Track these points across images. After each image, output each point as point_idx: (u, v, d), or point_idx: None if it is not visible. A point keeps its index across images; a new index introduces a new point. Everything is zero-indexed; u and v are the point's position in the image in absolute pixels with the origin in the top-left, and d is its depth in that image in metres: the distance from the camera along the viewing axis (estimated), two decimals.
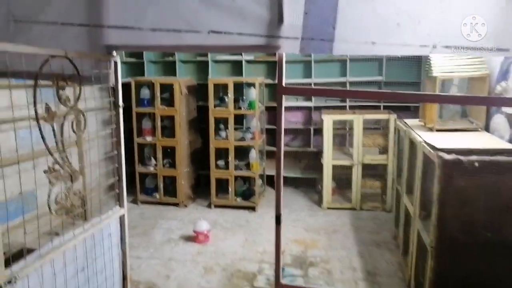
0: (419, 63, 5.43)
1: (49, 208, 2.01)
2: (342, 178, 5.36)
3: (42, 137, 1.94)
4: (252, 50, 2.34)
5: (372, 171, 5.31)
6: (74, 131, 2.19)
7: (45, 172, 1.98)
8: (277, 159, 2.48)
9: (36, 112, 1.87)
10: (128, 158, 6.07)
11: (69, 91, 2.10)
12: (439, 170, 2.40)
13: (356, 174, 5.08)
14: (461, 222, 2.45)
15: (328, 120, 5.00)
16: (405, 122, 3.78)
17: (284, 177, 6.00)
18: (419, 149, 2.94)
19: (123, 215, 2.69)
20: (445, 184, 2.41)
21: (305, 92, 2.52)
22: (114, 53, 2.52)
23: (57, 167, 2.06)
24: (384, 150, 5.18)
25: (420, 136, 3.04)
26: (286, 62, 5.51)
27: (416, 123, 3.62)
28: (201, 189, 5.94)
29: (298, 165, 6.18)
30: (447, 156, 2.40)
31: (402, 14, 2.17)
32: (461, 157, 2.38)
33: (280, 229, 2.58)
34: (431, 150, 2.57)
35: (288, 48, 2.30)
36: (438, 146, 2.56)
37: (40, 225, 2.02)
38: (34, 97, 1.86)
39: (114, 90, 2.48)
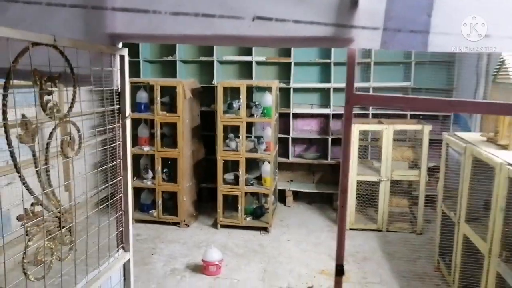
0: (451, 67, 4.88)
1: (24, 272, 1.34)
2: (364, 194, 4.76)
3: (16, 166, 1.28)
4: (313, 44, 1.71)
5: (397, 187, 4.73)
6: (62, 152, 1.52)
7: (19, 219, 1.31)
8: (342, 191, 1.86)
9: (6, 129, 1.21)
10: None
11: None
12: None
13: (383, 192, 4.48)
14: None
15: (354, 130, 4.39)
16: (458, 136, 3.21)
17: (295, 192, 5.44)
18: (500, 173, 2.35)
19: (128, 261, 2.03)
20: None
21: (385, 101, 1.89)
22: (120, 44, 1.86)
23: (38, 208, 1.39)
24: (413, 165, 4.60)
25: (497, 157, 2.45)
26: (296, 64, 4.88)
27: (476, 138, 3.04)
28: (204, 204, 5.27)
29: (312, 179, 5.56)
30: None
31: None
32: None
33: (341, 281, 1.93)
34: None
35: (365, 42, 1.68)
36: None
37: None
38: (3, 105, 1.19)
39: (120, 94, 1.82)
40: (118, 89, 1.81)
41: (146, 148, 4.59)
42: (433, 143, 4.41)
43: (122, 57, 1.80)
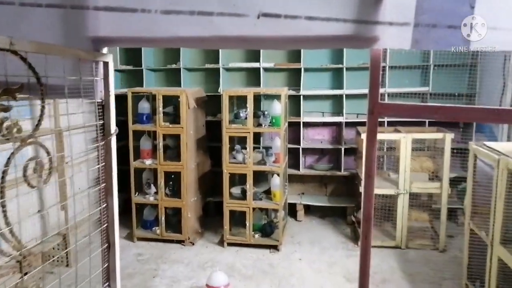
0: (472, 70, 4.56)
1: None
2: (381, 208, 4.44)
3: None
4: (331, 45, 1.41)
5: (416, 200, 4.40)
6: (28, 183, 1.25)
7: None
8: (365, 219, 1.57)
9: None
10: (123, 184, 5.16)
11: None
12: None
13: (402, 205, 4.16)
14: None
15: None
16: (489, 146, 2.89)
17: (306, 205, 5.13)
18: None
19: None
20: None
21: (417, 111, 1.58)
22: (105, 49, 1.60)
23: None
24: (434, 176, 4.28)
25: None
26: (306, 70, 4.54)
27: (511, 148, 2.72)
28: (210, 219, 4.99)
29: (324, 191, 5.25)
30: None
31: None
32: None
33: None
34: None
35: (392, 41, 1.40)
36: None
37: None
38: None
39: (104, 108, 1.55)
40: (102, 102, 1.55)
41: (148, 162, 4.33)
42: (453, 152, 4.10)
43: (106, 64, 1.54)
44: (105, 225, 1.63)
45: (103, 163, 1.58)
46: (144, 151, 4.42)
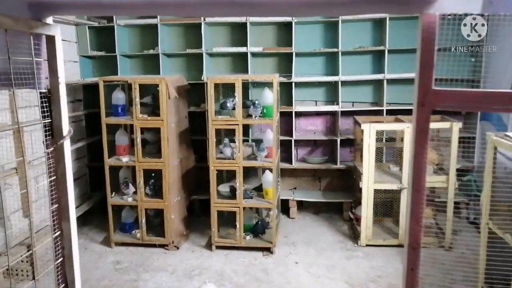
0: (478, 53, 4.22)
1: None
2: (382, 204, 4.11)
3: None
4: (365, 10, 1.00)
5: None
6: None
7: None
8: (412, 246, 1.19)
9: None
10: (98, 183, 4.68)
11: None
12: None
13: (406, 201, 3.82)
14: None
15: (370, 131, 3.72)
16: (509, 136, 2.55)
17: (299, 202, 4.76)
18: None
19: None
20: None
21: (487, 100, 1.18)
22: (50, 19, 1.15)
23: None
24: (438, 169, 3.96)
25: None
26: (298, 55, 4.06)
27: None
28: (195, 219, 4.58)
29: (318, 185, 4.89)
30: None
31: None
32: None
33: None
34: None
35: (454, 3, 1.00)
36: None
37: None
38: None
39: (50, 100, 1.11)
40: (47, 92, 1.11)
41: (125, 159, 3.87)
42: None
43: (51, 40, 1.09)
44: (60, 259, 1.20)
45: (53, 177, 1.14)
46: (120, 147, 3.95)
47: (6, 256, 3.20)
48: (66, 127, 1.16)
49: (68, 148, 1.17)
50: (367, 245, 3.94)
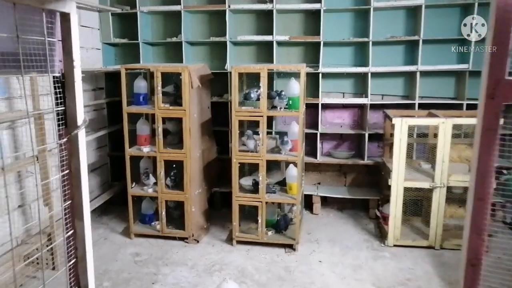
0: None
1: None
2: (412, 203, 3.91)
3: None
4: None
5: (452, 193, 3.86)
6: None
7: None
8: (470, 263, 1.05)
9: None
10: (119, 173, 4.63)
11: None
12: None
13: (438, 201, 3.62)
14: None
15: (402, 126, 3.52)
16: None
17: (323, 197, 4.59)
18: None
19: None
20: None
21: None
22: None
23: None
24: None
25: None
26: (326, 44, 3.84)
27: None
28: (216, 212, 4.49)
29: (343, 181, 4.72)
30: None
31: None
32: None
33: None
34: None
35: None
36: None
37: None
38: None
39: (63, 85, 0.99)
40: (60, 77, 0.99)
41: (146, 149, 3.79)
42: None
43: (65, 17, 0.96)
44: (73, 261, 1.09)
45: (66, 170, 1.03)
46: (141, 136, 3.87)
47: (27, 244, 3.17)
48: (81, 115, 1.04)
49: (83, 139, 1.06)
50: (394, 245, 3.76)
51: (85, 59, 4.27)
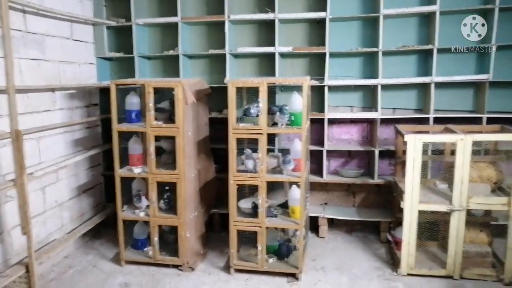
0: None
1: None
2: (427, 227, 3.56)
3: None
4: None
5: (472, 216, 3.50)
6: None
7: None
8: None
9: None
10: (113, 193, 4.37)
11: None
12: None
13: (457, 225, 3.27)
14: None
15: (415, 143, 3.19)
16: None
17: (330, 219, 4.25)
18: None
19: None
20: None
21: None
22: None
23: None
24: (496, 188, 3.38)
25: None
26: (332, 55, 3.52)
27: None
28: (214, 235, 4.20)
29: (352, 201, 4.38)
30: None
31: None
32: None
33: None
34: None
35: None
36: None
37: None
38: None
39: None
40: None
41: (138, 170, 3.53)
42: None
43: None
44: None
45: None
46: (133, 156, 3.61)
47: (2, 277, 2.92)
48: None
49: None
50: (408, 274, 3.40)
51: (78, 74, 4.07)
